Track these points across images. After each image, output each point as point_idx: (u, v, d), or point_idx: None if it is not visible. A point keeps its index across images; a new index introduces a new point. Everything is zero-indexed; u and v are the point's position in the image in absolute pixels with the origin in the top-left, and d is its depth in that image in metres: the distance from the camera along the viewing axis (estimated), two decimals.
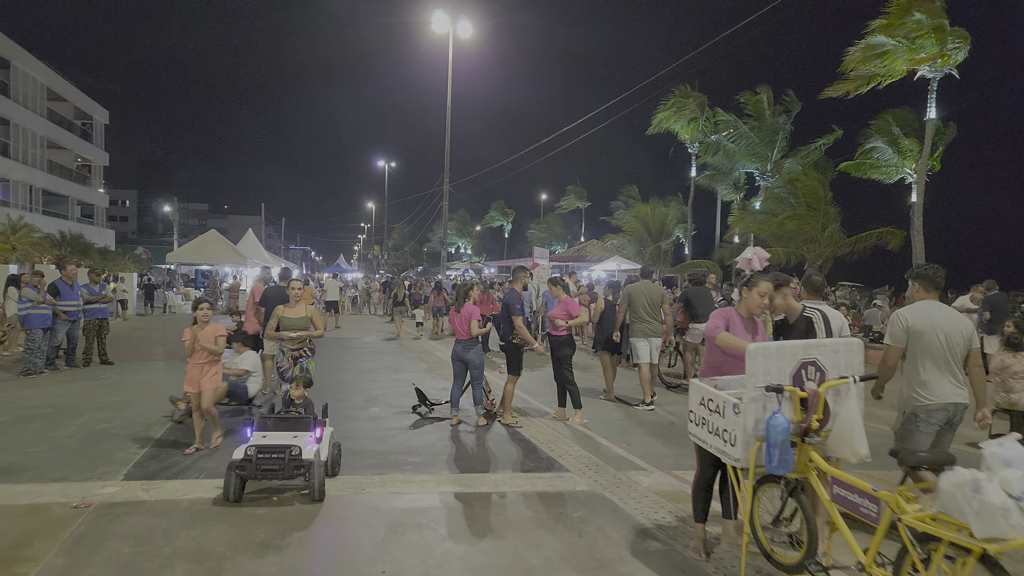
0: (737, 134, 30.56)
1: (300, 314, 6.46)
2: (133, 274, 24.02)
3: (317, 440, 4.84)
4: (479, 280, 30.50)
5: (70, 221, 34.79)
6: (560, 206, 61.69)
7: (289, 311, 6.46)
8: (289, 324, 6.39)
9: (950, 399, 3.97)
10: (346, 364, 12.00)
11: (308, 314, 6.51)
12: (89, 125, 39.03)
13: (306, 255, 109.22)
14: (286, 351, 6.43)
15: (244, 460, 4.50)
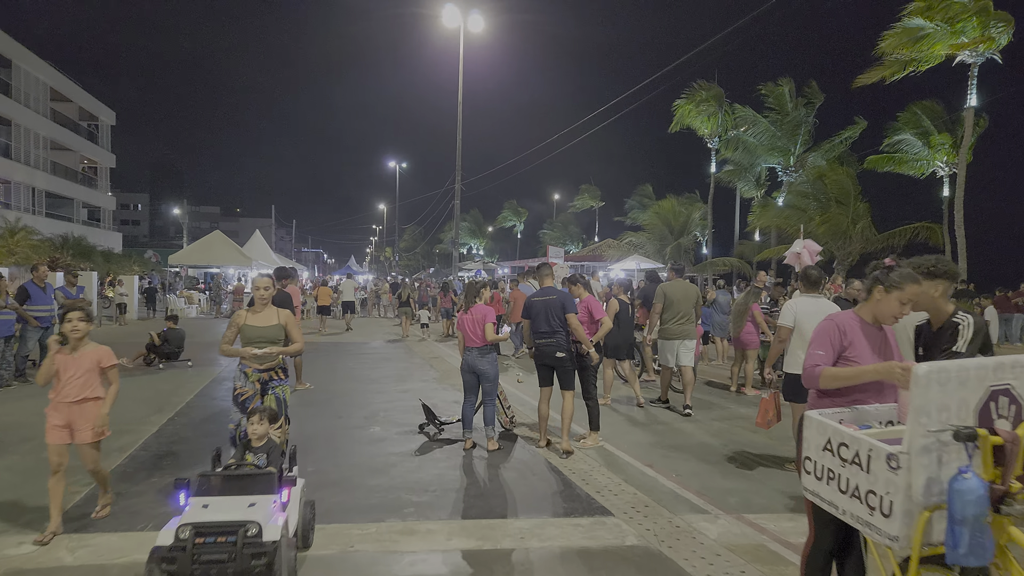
0: (758, 128, 29.29)
1: (270, 321, 4.76)
2: (133, 277, 23.13)
3: (283, 506, 3.37)
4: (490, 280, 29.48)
5: (75, 224, 34.13)
6: (573, 205, 60.68)
7: (254, 317, 4.76)
8: (255, 335, 4.71)
9: None
10: (349, 372, 10.94)
11: (281, 321, 4.78)
12: (95, 126, 38.42)
13: (318, 257, 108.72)
14: (249, 372, 4.73)
15: (174, 548, 2.94)
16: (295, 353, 4.98)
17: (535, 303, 6.02)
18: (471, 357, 6.13)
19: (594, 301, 6.57)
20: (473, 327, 6.10)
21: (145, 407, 7.78)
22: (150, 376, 10.26)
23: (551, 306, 5.90)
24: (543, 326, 5.91)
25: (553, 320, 5.86)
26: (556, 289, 6.11)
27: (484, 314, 6.11)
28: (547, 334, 5.91)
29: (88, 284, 22.33)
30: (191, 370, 10.87)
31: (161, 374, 10.51)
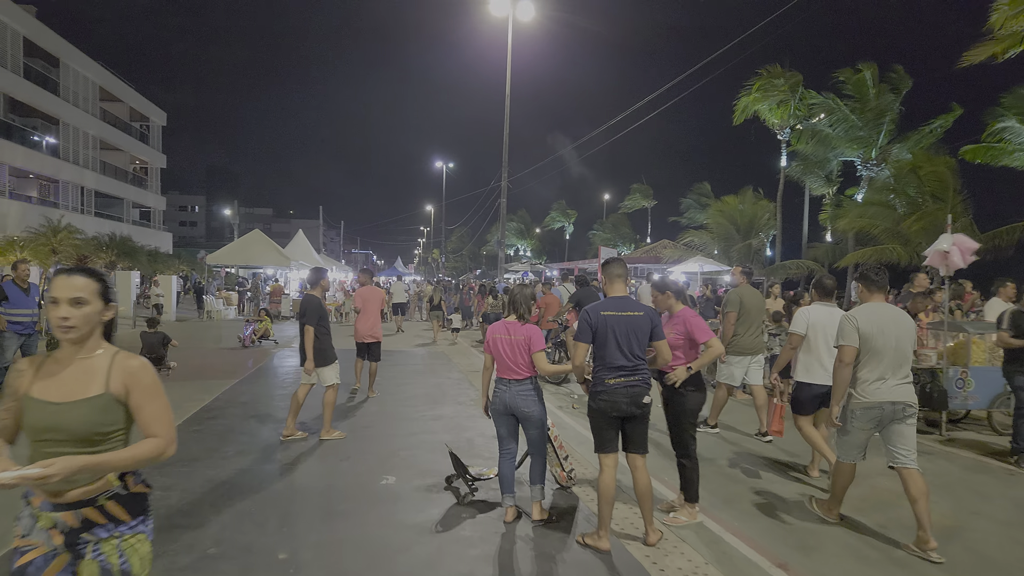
0: (835, 117, 26.61)
1: (82, 391, 1.98)
2: (171, 277, 22.35)
3: None
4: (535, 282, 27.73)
5: (125, 224, 34.07)
6: (624, 206, 58.47)
7: (47, 384, 1.98)
8: (43, 423, 1.95)
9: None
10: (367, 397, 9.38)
11: (112, 390, 2.02)
12: (146, 127, 38.48)
13: (367, 259, 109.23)
14: (35, 506, 1.98)
15: None
16: (149, 457, 2.05)
17: (605, 320, 4.00)
18: (508, 394, 4.38)
19: (695, 317, 4.71)
20: (513, 353, 4.36)
21: None
22: None
23: (634, 327, 4.01)
24: (618, 357, 3.96)
25: (636, 348, 4.01)
26: (637, 301, 4.21)
27: (529, 336, 4.38)
28: (626, 371, 3.98)
29: (125, 284, 21.73)
30: (168, 383, 9.49)
31: None
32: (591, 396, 4.12)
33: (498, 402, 4.46)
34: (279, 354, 13.25)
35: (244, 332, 14.22)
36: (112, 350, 2.11)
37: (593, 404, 4.09)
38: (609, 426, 4.06)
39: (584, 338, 4.06)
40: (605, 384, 4.01)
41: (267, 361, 12.24)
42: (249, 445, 6.23)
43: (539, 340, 4.40)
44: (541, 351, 4.40)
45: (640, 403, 4.00)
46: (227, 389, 9.09)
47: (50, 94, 27.51)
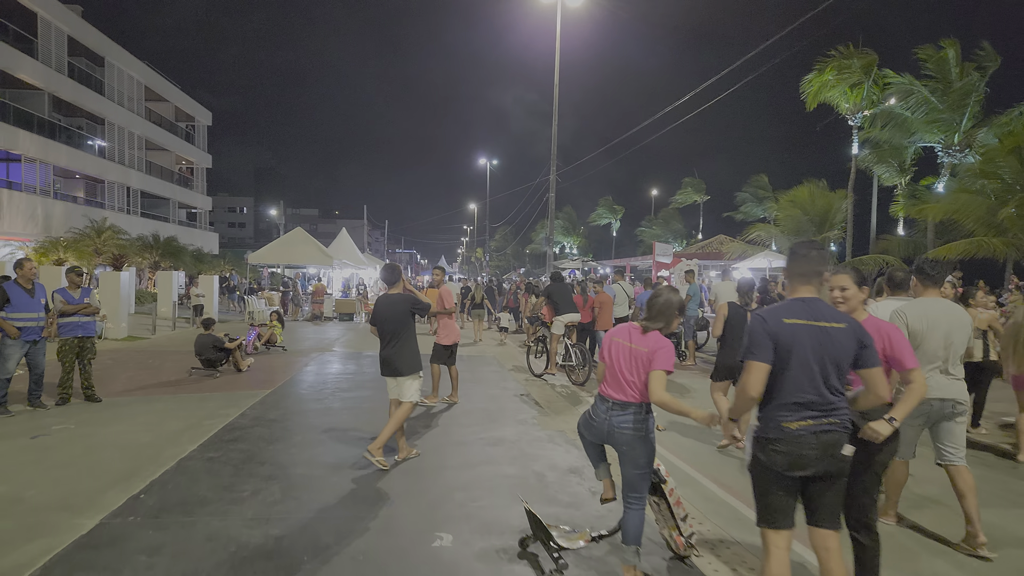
0: (913, 100, 24.30)
1: None
2: (212, 277, 21.72)
3: None
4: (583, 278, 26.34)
5: (171, 224, 34.00)
6: (675, 200, 56.39)
7: None
8: None
9: None
10: (416, 412, 8.15)
11: None
12: (192, 127, 38.48)
13: (412, 258, 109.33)
14: None
15: None
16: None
17: (792, 332, 2.67)
18: (603, 419, 3.39)
19: (896, 331, 3.23)
20: (630, 365, 3.33)
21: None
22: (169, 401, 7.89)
23: (834, 346, 2.66)
24: (805, 389, 2.65)
25: (834, 377, 2.65)
26: (830, 307, 2.80)
27: (655, 349, 3.20)
28: (816, 409, 2.65)
29: (167, 284, 21.22)
30: (192, 395, 8.42)
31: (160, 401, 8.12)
32: (756, 445, 2.76)
33: (586, 422, 3.53)
34: (320, 359, 12.20)
35: (248, 337, 12.23)
36: None
37: (761, 456, 2.75)
38: (785, 489, 2.73)
39: (762, 355, 2.69)
40: (782, 429, 2.66)
41: (304, 369, 11.17)
42: (269, 481, 5.05)
43: (666, 357, 3.15)
44: (662, 371, 3.10)
45: (837, 455, 2.64)
46: (256, 403, 8.00)
47: (95, 93, 27.41)
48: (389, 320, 5.60)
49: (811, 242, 2.87)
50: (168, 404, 7.87)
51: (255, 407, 7.75)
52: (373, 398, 8.48)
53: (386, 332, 5.59)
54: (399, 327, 5.59)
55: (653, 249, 28.83)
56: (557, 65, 27.29)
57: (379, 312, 5.68)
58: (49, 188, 24.55)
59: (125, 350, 13.08)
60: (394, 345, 5.56)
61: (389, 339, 5.58)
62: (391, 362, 5.56)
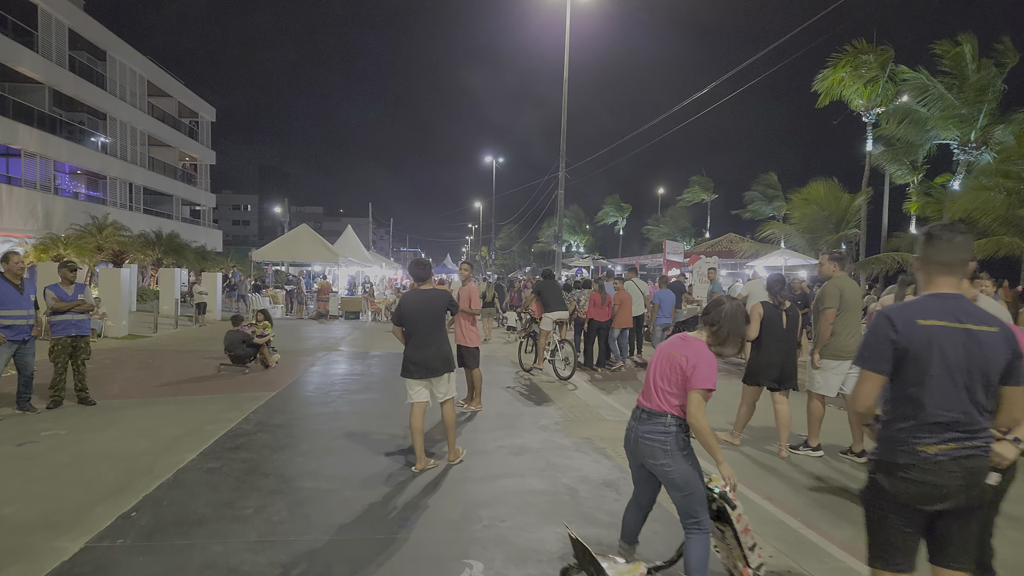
0: (928, 96, 23.75)
1: None
2: (216, 274, 21.30)
3: None
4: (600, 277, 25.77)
5: (175, 221, 33.59)
6: (683, 199, 55.86)
7: None
8: None
9: None
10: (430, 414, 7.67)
11: None
12: (195, 123, 38.05)
13: (415, 256, 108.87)
14: None
15: None
16: None
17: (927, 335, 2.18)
18: (635, 425, 3.19)
19: None
20: (665, 373, 3.08)
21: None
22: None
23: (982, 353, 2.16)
24: (951, 403, 2.15)
25: (981, 391, 2.16)
26: (977, 306, 2.27)
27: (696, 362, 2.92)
28: (965, 430, 2.17)
29: (168, 281, 20.78)
30: (194, 398, 7.95)
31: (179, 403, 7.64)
32: (879, 469, 2.27)
33: (626, 439, 3.27)
34: (326, 359, 11.73)
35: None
36: None
37: (885, 484, 2.24)
38: (911, 524, 2.24)
39: (875, 364, 2.23)
40: (916, 453, 2.16)
41: (310, 369, 10.70)
42: (274, 496, 4.58)
43: (706, 372, 2.85)
44: (702, 390, 2.82)
45: (982, 484, 2.18)
46: (261, 406, 7.53)
47: (97, 88, 26.97)
48: (423, 318, 5.23)
49: (953, 224, 2.35)
50: (167, 408, 7.40)
51: (259, 411, 7.28)
52: (383, 401, 8.01)
53: (419, 330, 5.22)
54: (435, 325, 5.27)
55: (664, 247, 28.27)
56: (567, 60, 26.78)
57: (409, 309, 5.26)
58: (50, 184, 24.13)
59: (124, 349, 12.64)
60: (430, 345, 5.21)
61: (423, 338, 5.22)
62: (427, 362, 5.20)
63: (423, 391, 5.29)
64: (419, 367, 5.19)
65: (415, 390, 5.27)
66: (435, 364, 5.22)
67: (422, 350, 5.20)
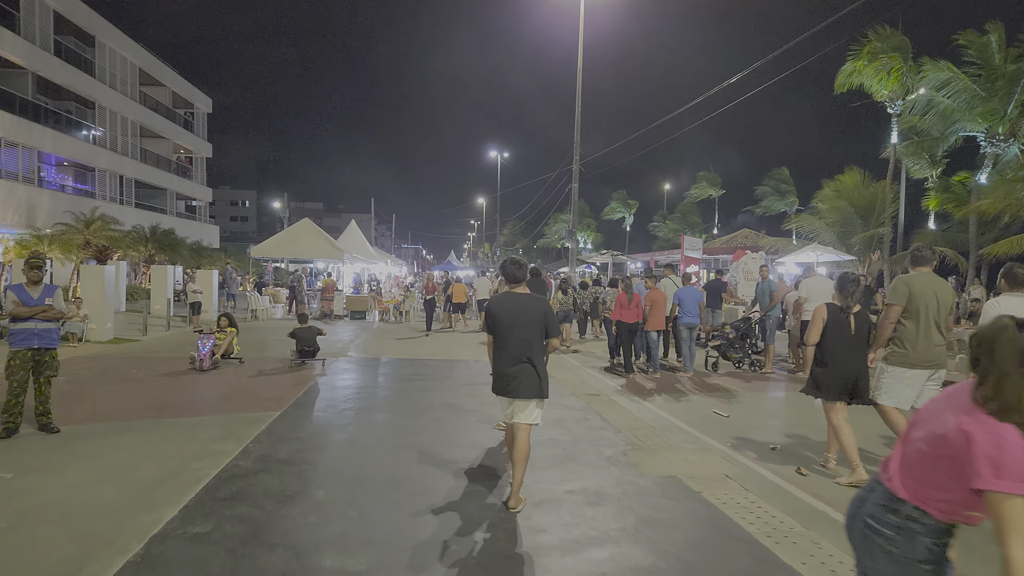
0: (953, 87, 22.57)
1: None
2: (211, 272, 19.89)
3: None
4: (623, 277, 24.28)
5: (169, 215, 32.18)
6: (691, 195, 54.67)
7: None
8: None
9: None
10: (460, 437, 6.31)
11: None
12: (191, 114, 36.56)
13: (417, 253, 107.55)
14: None
15: None
16: None
17: None
18: (863, 496, 2.11)
19: None
20: (927, 439, 1.93)
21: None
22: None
23: None
24: None
25: None
26: None
27: (986, 441, 1.71)
28: None
29: (160, 279, 19.41)
30: (180, 419, 6.59)
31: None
32: None
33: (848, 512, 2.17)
34: (334, 367, 10.38)
35: (201, 350, 9.71)
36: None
37: None
38: None
39: None
40: None
41: (317, 381, 9.35)
42: None
43: (1014, 460, 1.41)
44: (1016, 497, 1.40)
45: None
46: (262, 432, 6.19)
47: (84, 74, 25.50)
48: (519, 327, 4.43)
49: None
50: (147, 436, 6.05)
51: (260, 439, 5.94)
52: (411, 423, 6.67)
53: (513, 341, 4.42)
54: (533, 336, 4.44)
55: (682, 243, 26.98)
56: (580, 48, 25.45)
57: (503, 316, 4.46)
58: (33, 176, 22.70)
59: (107, 356, 11.27)
60: (527, 360, 4.41)
61: (519, 351, 4.42)
62: (523, 381, 4.40)
63: (510, 410, 4.53)
64: (502, 384, 4.45)
65: (504, 408, 4.58)
66: (531, 383, 4.40)
67: (516, 365, 4.42)
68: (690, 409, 7.77)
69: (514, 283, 4.62)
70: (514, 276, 4.61)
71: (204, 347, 9.79)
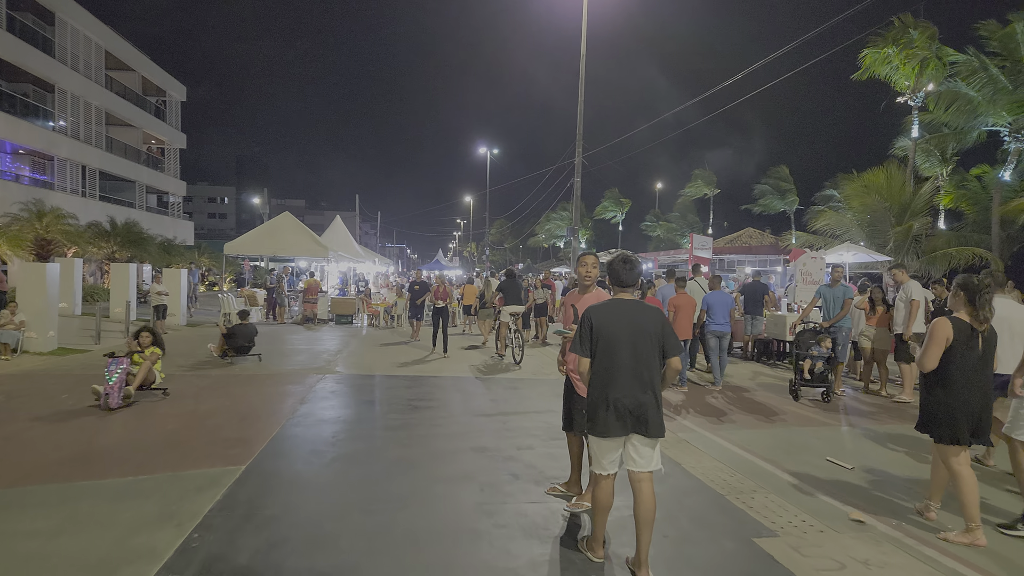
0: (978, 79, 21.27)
1: None
2: (180, 271, 17.76)
3: None
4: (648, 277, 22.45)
5: (138, 210, 29.83)
6: (685, 193, 53.38)
7: None
8: None
9: None
10: (512, 512, 4.41)
11: None
12: (163, 101, 34.15)
13: (402, 253, 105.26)
14: None
15: None
16: None
17: None
18: None
19: None
20: None
21: None
22: None
23: None
24: None
25: None
26: None
27: None
28: None
29: (121, 279, 17.26)
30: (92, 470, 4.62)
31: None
32: None
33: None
34: (318, 390, 8.39)
35: (108, 381, 7.01)
36: None
37: None
38: None
39: None
40: None
41: (296, 413, 7.38)
42: None
43: None
44: None
45: None
46: (219, 500, 4.25)
47: (42, 54, 23.16)
48: (635, 344, 3.41)
49: None
50: (50, 511, 4.07)
51: (216, 515, 4.01)
52: (443, 484, 4.70)
53: (627, 363, 3.39)
54: (652, 355, 3.43)
55: (691, 241, 25.31)
56: (584, 32, 23.76)
57: (613, 330, 3.44)
58: None
59: (39, 374, 9.19)
60: (647, 388, 3.39)
61: (635, 375, 3.40)
62: (643, 415, 3.36)
63: (616, 459, 3.50)
64: (610, 420, 3.37)
65: (608, 455, 3.48)
66: (640, 421, 3.36)
67: (622, 396, 3.37)
68: (775, 446, 6.00)
69: (622, 286, 3.63)
70: (624, 278, 3.60)
71: (112, 375, 7.04)
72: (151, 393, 7.77)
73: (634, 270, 3.64)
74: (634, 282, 3.67)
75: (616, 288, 3.66)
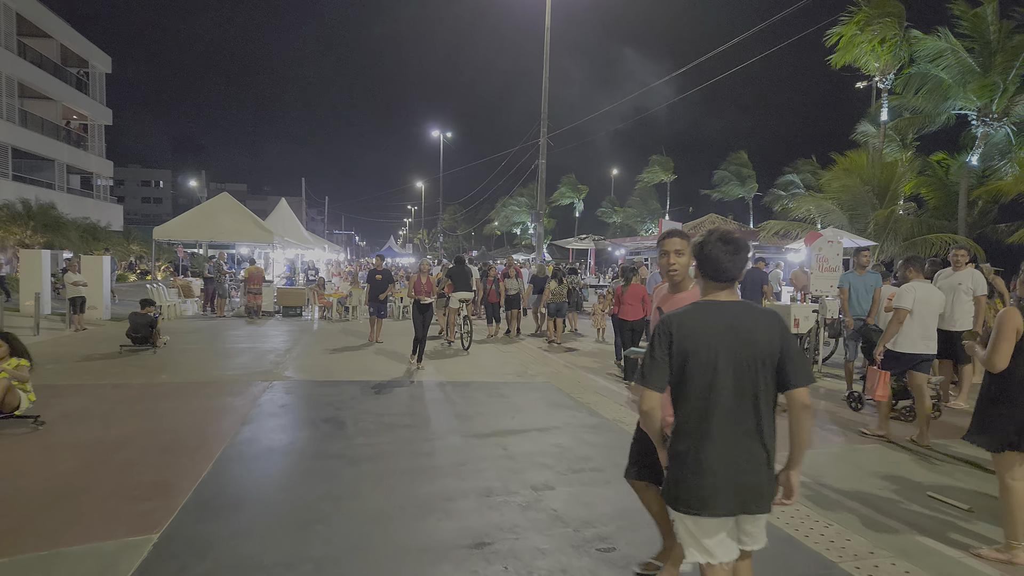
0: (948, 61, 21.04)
1: None
2: (102, 259, 15.63)
3: None
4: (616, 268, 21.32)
5: (57, 191, 26.97)
6: (642, 179, 52.96)
7: None
8: None
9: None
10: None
11: None
12: (85, 73, 31.03)
13: (350, 239, 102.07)
14: None
15: None
16: None
17: None
18: None
19: None
20: None
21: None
22: None
23: None
24: None
25: None
26: None
27: None
28: None
29: (32, 267, 15.05)
30: None
31: None
32: None
33: None
34: (264, 403, 6.83)
35: None
36: None
37: None
38: None
39: None
40: None
41: (237, 436, 5.84)
42: None
43: None
44: None
45: None
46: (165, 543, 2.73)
47: None
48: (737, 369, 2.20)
49: None
50: None
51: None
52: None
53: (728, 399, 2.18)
54: (762, 385, 2.21)
55: (659, 226, 24.41)
56: (549, 5, 22.48)
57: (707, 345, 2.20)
58: None
59: None
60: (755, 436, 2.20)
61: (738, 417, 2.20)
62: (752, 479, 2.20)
63: (725, 539, 2.25)
64: (704, 490, 2.18)
65: (710, 536, 2.23)
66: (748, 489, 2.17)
67: (728, 449, 2.18)
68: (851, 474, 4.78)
69: (718, 281, 2.33)
70: (725, 267, 2.30)
71: None
72: (16, 422, 5.71)
73: (738, 255, 2.31)
74: (738, 274, 2.36)
75: (708, 283, 2.36)
